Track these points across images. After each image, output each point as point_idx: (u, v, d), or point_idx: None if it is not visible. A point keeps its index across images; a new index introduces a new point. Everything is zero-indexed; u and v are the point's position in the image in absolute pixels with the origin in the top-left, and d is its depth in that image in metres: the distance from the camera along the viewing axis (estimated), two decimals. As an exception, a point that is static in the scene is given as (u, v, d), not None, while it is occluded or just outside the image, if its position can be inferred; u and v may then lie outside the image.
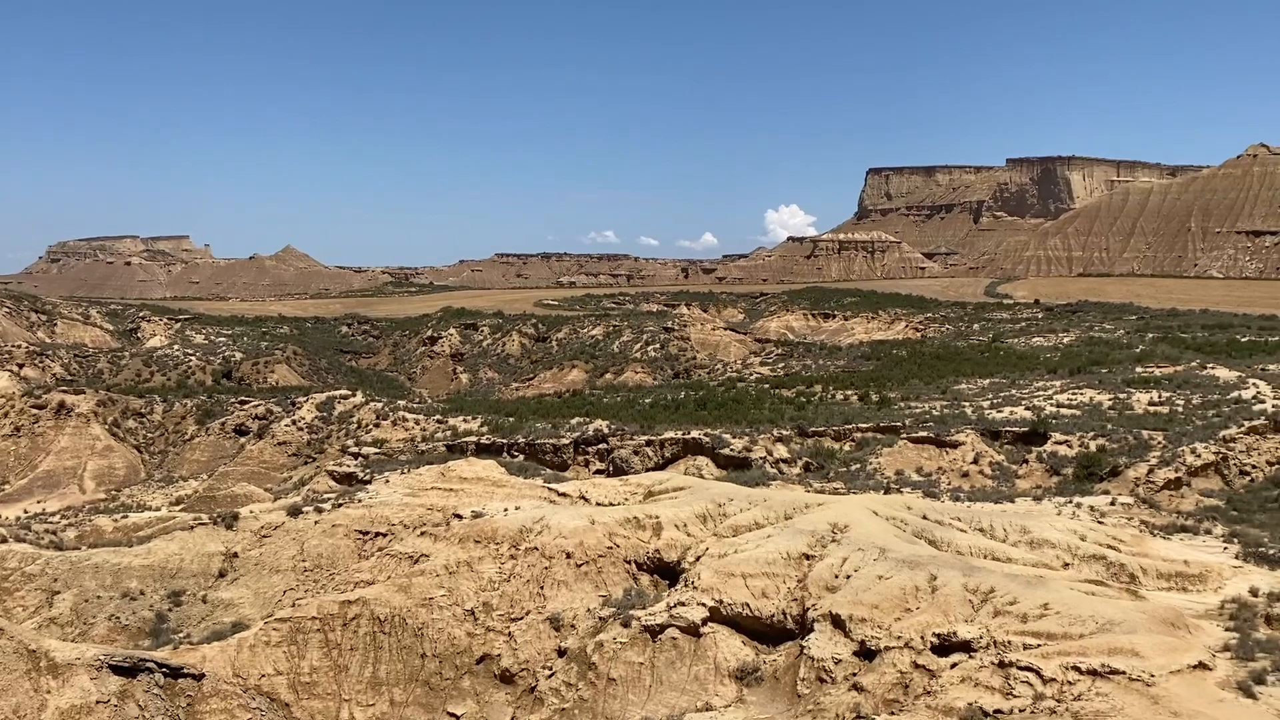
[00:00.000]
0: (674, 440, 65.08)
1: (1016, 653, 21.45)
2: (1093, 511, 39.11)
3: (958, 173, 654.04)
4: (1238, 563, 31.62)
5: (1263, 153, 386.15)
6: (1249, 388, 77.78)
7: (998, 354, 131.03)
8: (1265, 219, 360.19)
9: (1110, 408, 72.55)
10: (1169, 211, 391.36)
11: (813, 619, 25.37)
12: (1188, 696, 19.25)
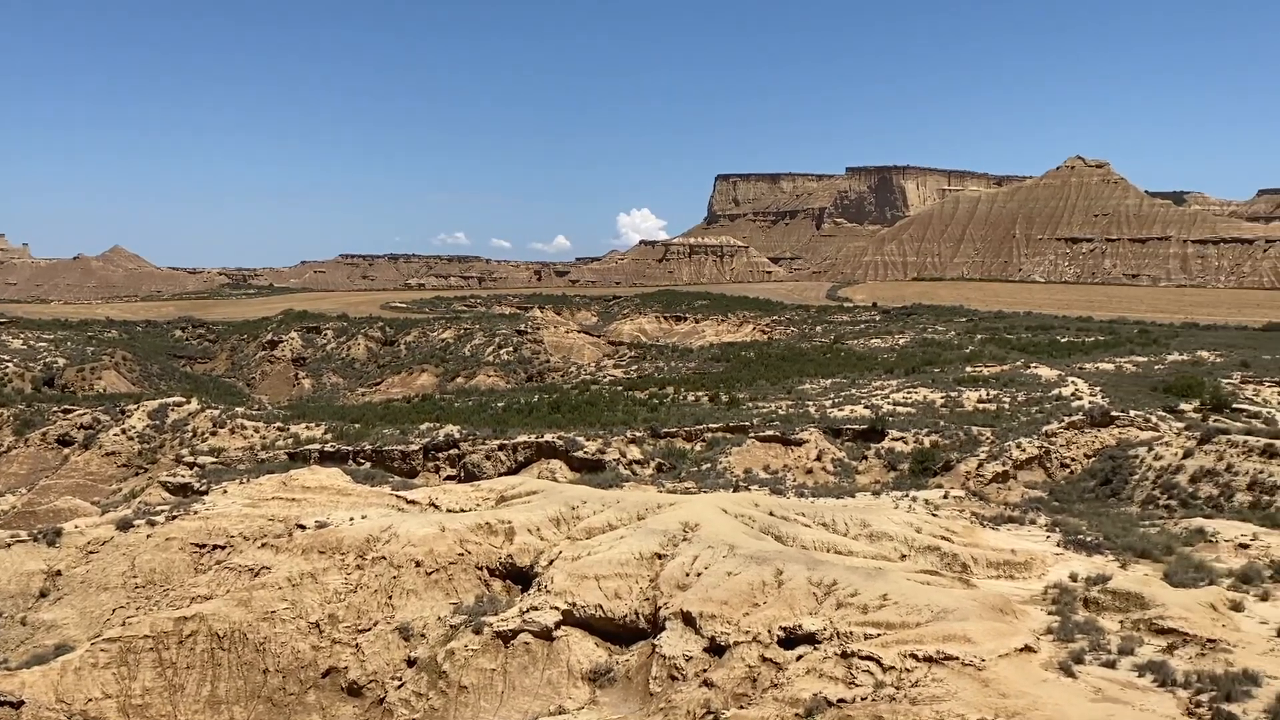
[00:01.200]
0: (527, 444, 64.75)
1: (858, 643, 22.25)
2: (927, 505, 40.91)
3: (801, 180, 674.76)
4: (1059, 550, 33.63)
5: (1079, 164, 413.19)
6: (1068, 385, 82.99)
7: (839, 355, 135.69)
8: (1082, 227, 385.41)
9: (943, 405, 76.17)
10: (995, 219, 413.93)
11: (665, 617, 25.67)
12: (1015, 678, 20.36)
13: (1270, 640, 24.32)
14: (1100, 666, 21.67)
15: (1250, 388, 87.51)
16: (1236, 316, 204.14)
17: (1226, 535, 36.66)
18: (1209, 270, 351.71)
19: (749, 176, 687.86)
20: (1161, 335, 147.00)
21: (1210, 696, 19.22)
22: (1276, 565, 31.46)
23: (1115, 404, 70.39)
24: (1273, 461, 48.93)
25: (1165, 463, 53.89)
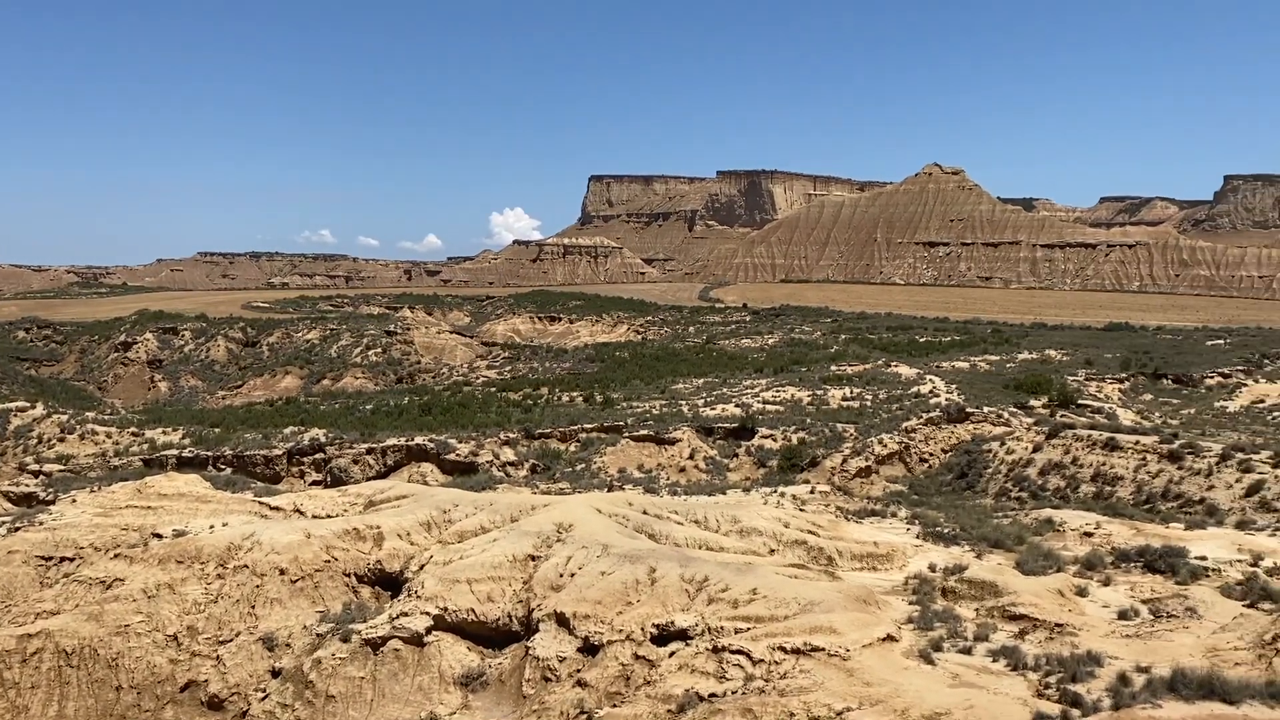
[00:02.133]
0: (397, 447, 63.52)
1: (729, 637, 22.62)
2: (795, 500, 41.93)
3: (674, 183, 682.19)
4: (919, 542, 34.93)
5: (936, 171, 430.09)
6: (926, 383, 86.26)
7: (711, 355, 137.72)
8: (939, 231, 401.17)
9: (809, 404, 78.18)
10: (859, 223, 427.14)
11: (538, 619, 25.57)
12: (878, 667, 21.04)
13: (1112, 623, 25.82)
14: (958, 653, 22.60)
15: (1094, 385, 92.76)
16: (1081, 317, 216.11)
17: (1072, 524, 38.74)
18: (1056, 273, 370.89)
19: (622, 178, 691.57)
20: (1013, 335, 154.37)
21: (1058, 678, 20.26)
22: (1117, 552, 33.41)
23: (970, 401, 73.54)
24: (1114, 454, 51.94)
25: (1016, 457, 56.58)
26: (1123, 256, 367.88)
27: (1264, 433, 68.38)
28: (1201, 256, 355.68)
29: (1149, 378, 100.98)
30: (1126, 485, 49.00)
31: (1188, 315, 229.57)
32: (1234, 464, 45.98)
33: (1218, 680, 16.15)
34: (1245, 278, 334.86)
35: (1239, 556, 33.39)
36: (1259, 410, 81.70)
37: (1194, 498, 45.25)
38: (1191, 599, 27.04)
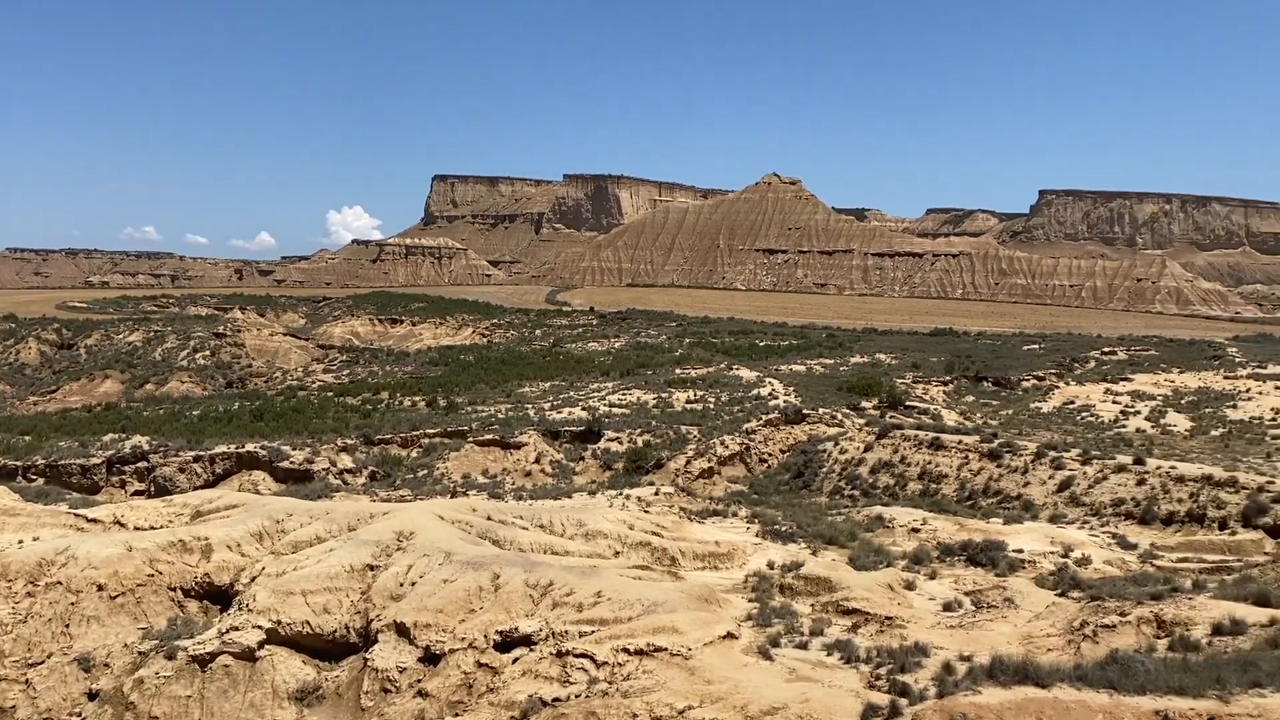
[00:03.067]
0: (226, 455, 60.77)
1: (573, 641, 22.62)
2: (640, 501, 42.35)
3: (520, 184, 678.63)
4: (758, 540, 35.81)
5: (775, 181, 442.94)
6: (766, 386, 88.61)
7: (558, 358, 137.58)
8: (778, 239, 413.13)
9: (655, 406, 79.13)
10: (702, 229, 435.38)
11: (377, 630, 24.92)
12: (719, 665, 21.44)
13: (938, 615, 27.12)
14: (795, 648, 23.28)
15: (920, 387, 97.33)
16: (909, 323, 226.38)
17: (901, 521, 40.53)
18: (886, 281, 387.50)
19: (468, 178, 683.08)
20: (846, 339, 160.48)
21: (888, 669, 21.12)
22: (943, 546, 35.16)
23: (807, 403, 75.97)
24: (939, 454, 54.60)
25: (849, 456, 58.76)
26: (947, 265, 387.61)
27: (1074, 432, 73.30)
28: (1019, 266, 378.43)
29: (971, 380, 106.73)
30: (951, 482, 51.55)
31: (1006, 321, 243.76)
32: (1047, 462, 49.02)
33: (1031, 666, 17.17)
34: (1058, 286, 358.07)
35: (1052, 549, 35.68)
36: (1070, 410, 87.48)
37: (1012, 494, 48.01)
38: (1009, 590, 28.70)
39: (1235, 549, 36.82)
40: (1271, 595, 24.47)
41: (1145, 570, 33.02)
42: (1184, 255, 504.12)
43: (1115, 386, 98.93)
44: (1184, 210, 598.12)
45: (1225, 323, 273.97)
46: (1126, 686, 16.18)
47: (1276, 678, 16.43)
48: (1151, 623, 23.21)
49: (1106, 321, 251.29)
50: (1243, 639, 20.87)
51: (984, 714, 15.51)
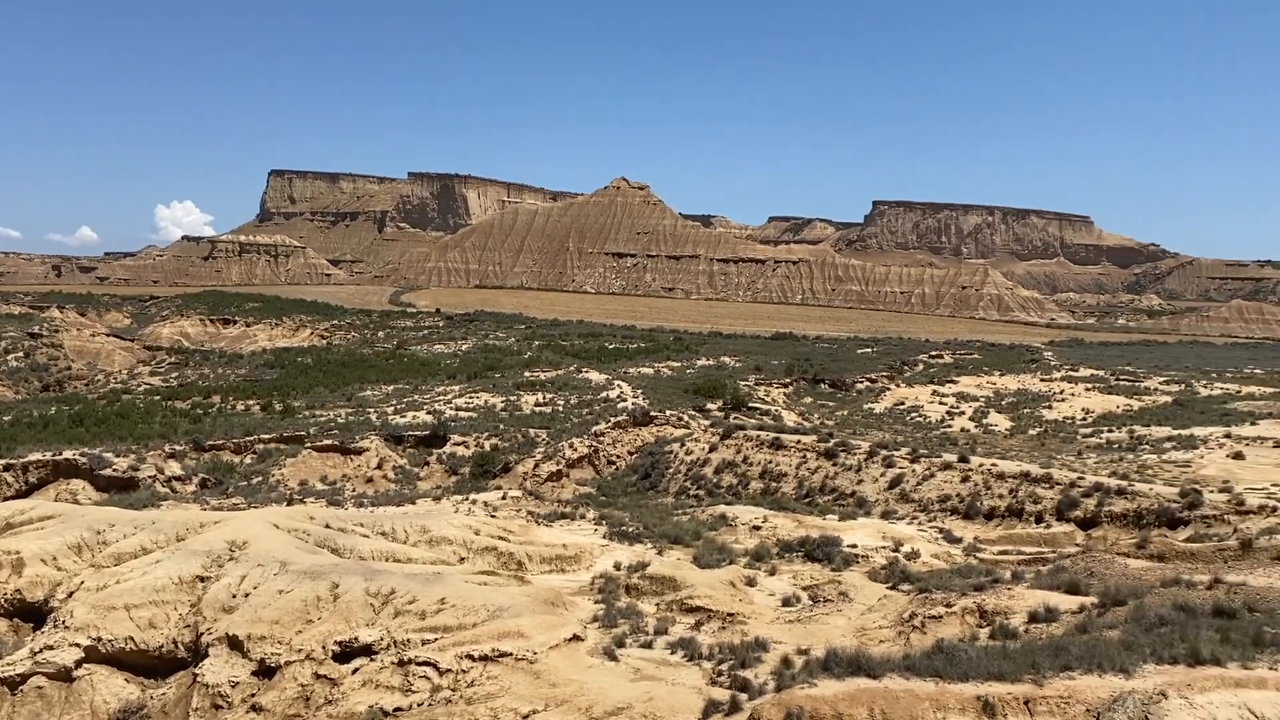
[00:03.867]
0: (41, 463, 56.82)
1: (416, 649, 22.20)
2: (486, 506, 41.94)
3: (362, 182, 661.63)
4: (605, 542, 36.01)
5: (624, 185, 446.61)
6: (615, 389, 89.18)
7: (402, 361, 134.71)
8: (626, 243, 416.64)
9: (503, 409, 78.52)
10: (551, 232, 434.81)
11: (208, 644, 23.81)
12: (564, 667, 21.45)
13: (777, 610, 27.90)
14: (639, 647, 23.52)
15: (762, 389, 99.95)
16: (752, 327, 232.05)
17: (743, 519, 41.49)
18: (731, 286, 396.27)
19: (307, 174, 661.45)
20: (693, 343, 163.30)
21: (729, 665, 21.60)
22: (782, 543, 36.18)
23: (654, 405, 76.90)
24: (779, 453, 56.17)
25: (695, 457, 59.78)
26: (788, 272, 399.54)
27: (904, 431, 76.69)
28: (854, 273, 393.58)
29: (809, 382, 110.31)
30: (790, 481, 53.12)
31: (842, 326, 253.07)
32: (879, 460, 51.11)
33: (864, 658, 17.86)
34: (890, 293, 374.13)
35: (884, 544, 37.22)
36: (900, 411, 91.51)
37: (847, 491, 49.84)
38: (845, 584, 29.79)
39: (1050, 541, 39.28)
40: (1081, 584, 26.22)
41: (969, 563, 34.83)
42: (1005, 264, 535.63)
43: (942, 388, 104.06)
44: (1005, 222, 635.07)
45: (1042, 328, 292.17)
46: (951, 674, 17.03)
47: (1085, 661, 17.61)
48: (974, 612, 24.52)
49: (934, 326, 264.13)
50: (1055, 625, 22.30)
51: (819, 706, 16.04)
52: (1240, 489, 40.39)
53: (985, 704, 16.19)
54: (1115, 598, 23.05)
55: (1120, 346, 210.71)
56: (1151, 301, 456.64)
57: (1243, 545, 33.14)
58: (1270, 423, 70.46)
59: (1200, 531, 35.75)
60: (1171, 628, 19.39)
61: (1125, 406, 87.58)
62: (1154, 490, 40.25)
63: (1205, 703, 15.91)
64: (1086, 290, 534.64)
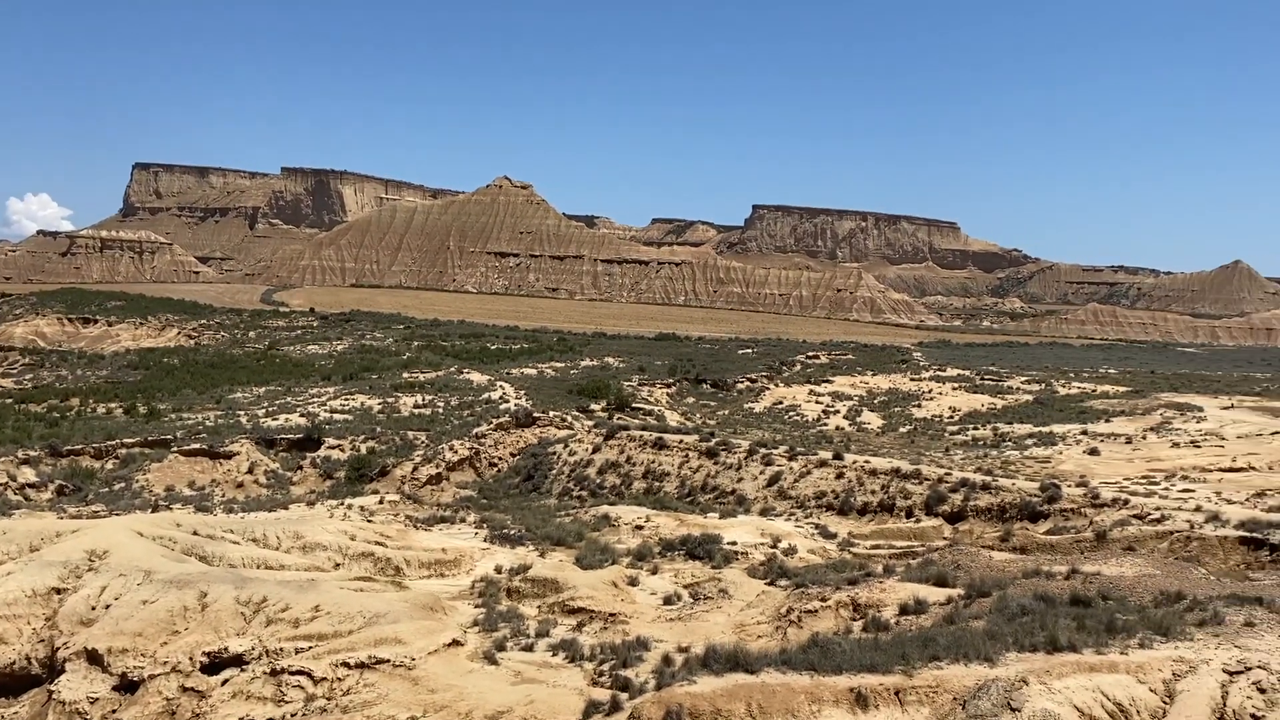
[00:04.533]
0: (-123, 470, 53.10)
1: (289, 658, 21.57)
2: (363, 511, 41.04)
3: (233, 176, 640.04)
4: (486, 545, 35.67)
5: (506, 184, 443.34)
6: (497, 390, 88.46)
7: (274, 362, 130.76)
8: (509, 242, 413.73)
9: (380, 412, 76.98)
10: (431, 230, 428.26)
11: (65, 658, 22.64)
12: (443, 673, 21.16)
13: (658, 608, 28.11)
14: (520, 650, 23.38)
15: (646, 389, 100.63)
16: (636, 327, 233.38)
17: (626, 519, 41.66)
18: (615, 286, 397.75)
19: (173, 168, 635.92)
20: (576, 343, 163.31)
21: (611, 665, 21.66)
22: (664, 542, 36.45)
23: (537, 406, 76.54)
24: (662, 453, 56.61)
25: (578, 458, 59.74)
26: (671, 273, 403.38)
27: (782, 430, 78.31)
28: (735, 275, 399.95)
29: (692, 382, 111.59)
30: (673, 480, 53.60)
31: (724, 327, 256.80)
32: (759, 458, 52.01)
33: (742, 653, 18.14)
34: (769, 295, 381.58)
35: (762, 540, 37.88)
36: (779, 410, 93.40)
37: (727, 489, 50.56)
38: (724, 581, 30.20)
39: (919, 535, 40.64)
40: (948, 576, 27.19)
41: (844, 557, 35.71)
42: (877, 268, 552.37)
43: (818, 388, 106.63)
44: (878, 227, 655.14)
45: (912, 330, 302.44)
46: (826, 667, 17.46)
47: (952, 651, 18.28)
48: (848, 606, 25.18)
49: (811, 328, 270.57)
50: (925, 617, 23.08)
51: (698, 703, 16.23)
52: (1095, 483, 42.57)
53: (858, 696, 16.65)
54: (980, 589, 23.98)
55: (985, 347, 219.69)
56: (1014, 304, 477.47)
57: (1097, 537, 34.91)
58: (1123, 420, 74.51)
59: (1059, 524, 37.51)
60: (1032, 617, 20.28)
61: (990, 405, 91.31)
62: (1016, 485, 42.06)
63: (1062, 688, 16.70)
64: (954, 293, 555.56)
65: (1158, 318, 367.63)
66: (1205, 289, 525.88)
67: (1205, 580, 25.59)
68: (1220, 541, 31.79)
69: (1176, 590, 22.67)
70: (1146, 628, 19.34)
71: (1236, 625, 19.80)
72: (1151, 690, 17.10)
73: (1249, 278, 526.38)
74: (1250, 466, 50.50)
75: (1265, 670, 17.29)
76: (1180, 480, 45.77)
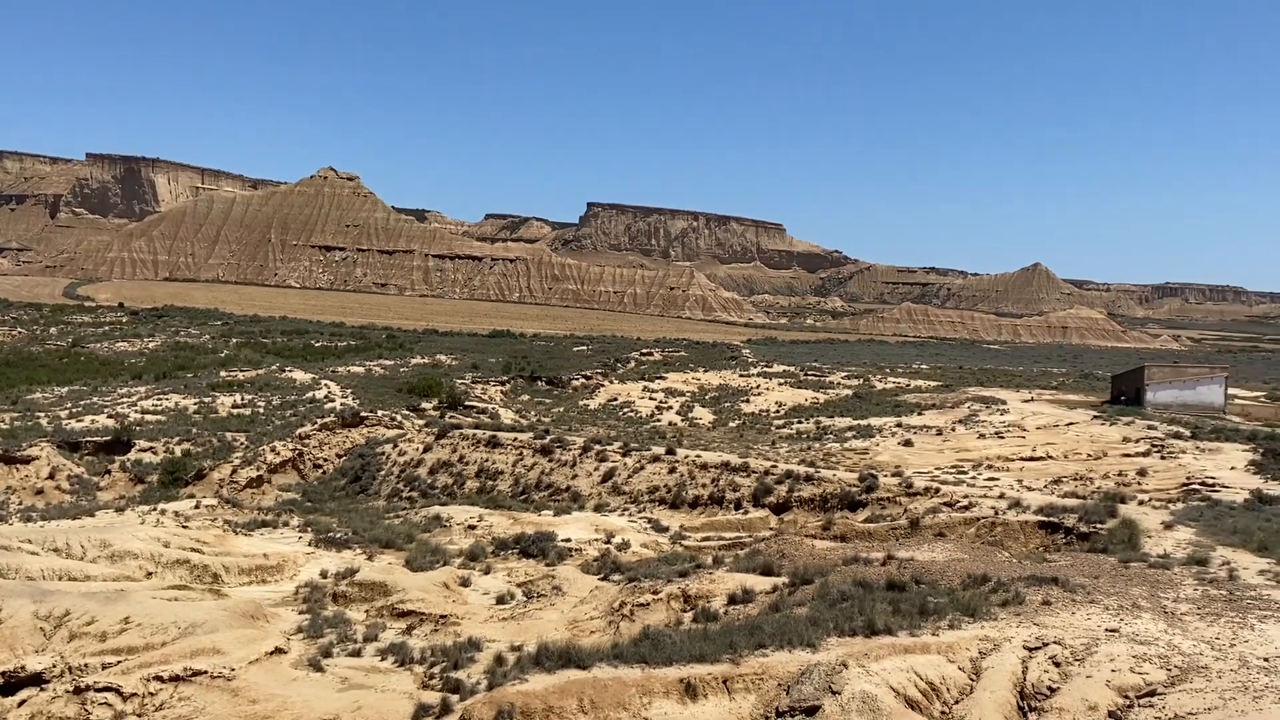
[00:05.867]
0: None
1: (95, 674, 20.28)
2: (177, 516, 38.99)
3: (31, 161, 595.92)
4: (311, 549, 34.50)
5: (332, 175, 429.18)
6: (322, 388, 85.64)
7: (79, 360, 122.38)
8: (335, 236, 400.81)
9: (196, 412, 73.28)
10: (251, 222, 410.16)
11: None
12: (265, 683, 20.37)
13: (491, 608, 27.90)
14: (348, 656, 22.74)
15: (479, 387, 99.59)
16: (469, 324, 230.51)
17: (458, 519, 41.16)
18: (447, 283, 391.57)
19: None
20: (407, 340, 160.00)
21: (442, 667, 21.35)
22: (498, 541, 36.20)
23: (365, 405, 74.55)
24: (496, 451, 56.18)
25: (409, 457, 58.58)
26: (505, 270, 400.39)
27: (617, 426, 78.97)
28: (570, 273, 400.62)
29: (526, 380, 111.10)
30: (506, 479, 53.26)
31: (559, 324, 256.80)
32: (593, 455, 52.34)
33: (574, 649, 18.22)
34: (604, 292, 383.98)
35: (596, 536, 38.16)
36: (613, 407, 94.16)
37: (562, 486, 50.64)
38: (558, 578, 30.26)
39: (747, 526, 41.83)
40: (774, 565, 28.10)
41: (676, 550, 36.42)
42: (709, 267, 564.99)
43: (652, 384, 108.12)
44: (709, 227, 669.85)
45: (741, 327, 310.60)
46: (656, 659, 17.74)
47: (777, 638, 18.91)
48: (679, 598, 25.66)
49: (645, 326, 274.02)
50: (752, 606, 23.78)
51: (530, 701, 16.20)
52: (909, 473, 44.83)
53: (688, 686, 17.00)
54: (804, 577, 24.88)
55: (809, 345, 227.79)
56: (835, 304, 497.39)
57: (911, 524, 36.80)
58: (934, 413, 78.75)
59: (876, 513, 39.33)
60: (852, 603, 21.19)
61: (813, 400, 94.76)
62: (837, 476, 43.86)
63: (879, 669, 17.53)
64: (780, 292, 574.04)
65: (966, 316, 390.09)
66: (1008, 290, 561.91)
67: (1008, 563, 27.33)
68: (1021, 526, 34.07)
69: (983, 573, 24.12)
70: (956, 609, 20.52)
71: (1035, 604, 21.27)
72: (960, 668, 18.16)
73: (1047, 279, 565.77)
74: (1048, 455, 54.30)
75: (1060, 645, 18.65)
76: (986, 469, 48.78)
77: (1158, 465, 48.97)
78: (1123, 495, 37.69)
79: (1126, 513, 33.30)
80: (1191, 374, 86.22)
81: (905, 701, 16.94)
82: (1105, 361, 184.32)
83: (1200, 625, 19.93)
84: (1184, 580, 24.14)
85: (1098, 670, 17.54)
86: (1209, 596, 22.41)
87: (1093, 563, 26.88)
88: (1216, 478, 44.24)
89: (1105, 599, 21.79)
